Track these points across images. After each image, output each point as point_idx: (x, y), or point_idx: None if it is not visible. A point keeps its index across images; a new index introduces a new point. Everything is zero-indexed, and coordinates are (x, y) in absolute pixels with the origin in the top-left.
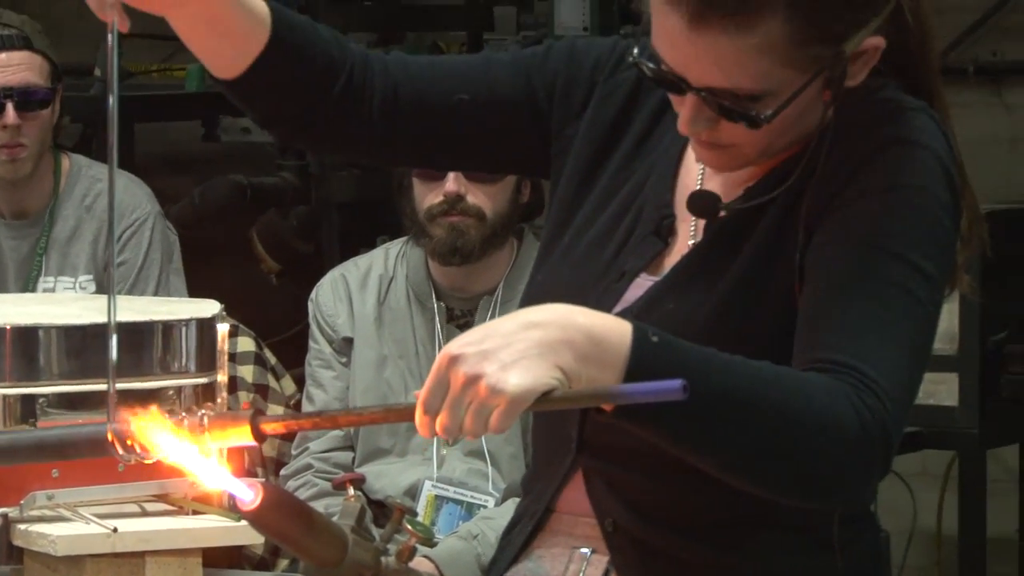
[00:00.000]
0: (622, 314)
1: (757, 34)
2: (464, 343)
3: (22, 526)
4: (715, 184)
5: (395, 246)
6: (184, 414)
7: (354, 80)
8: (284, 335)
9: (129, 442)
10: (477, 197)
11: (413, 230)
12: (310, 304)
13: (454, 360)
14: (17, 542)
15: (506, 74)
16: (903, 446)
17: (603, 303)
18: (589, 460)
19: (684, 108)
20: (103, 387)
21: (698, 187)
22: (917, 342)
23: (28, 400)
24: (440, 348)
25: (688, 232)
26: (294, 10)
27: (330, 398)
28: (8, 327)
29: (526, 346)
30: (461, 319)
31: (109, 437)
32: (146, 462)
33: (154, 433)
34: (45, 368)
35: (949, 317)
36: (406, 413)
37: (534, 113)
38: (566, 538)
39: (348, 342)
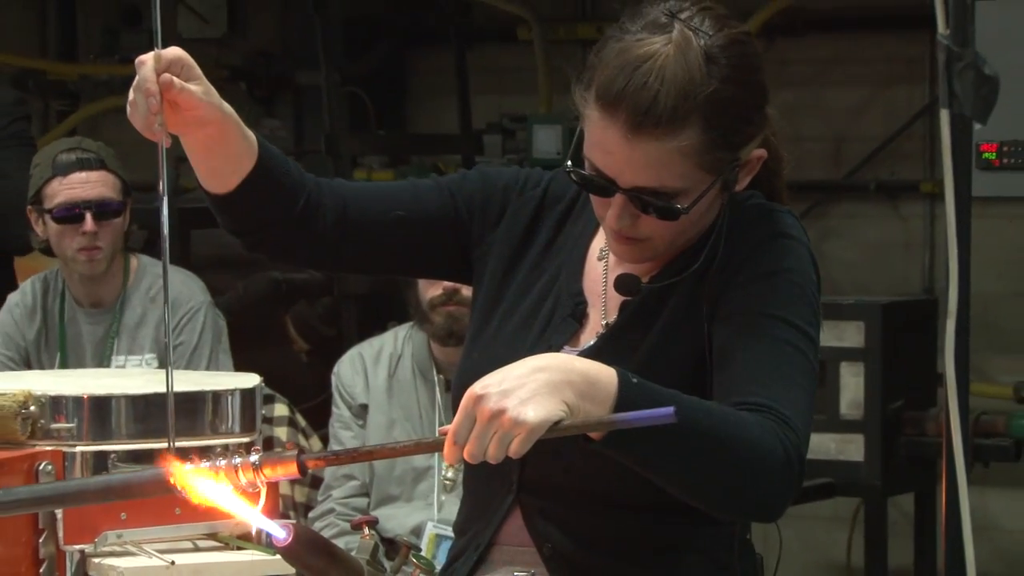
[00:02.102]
0: None
1: (682, 139)
2: (485, 384)
3: (96, 560)
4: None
5: (403, 330)
6: (238, 458)
7: (311, 199)
8: (312, 402)
9: (180, 487)
10: (470, 290)
11: (417, 317)
12: (333, 377)
13: (479, 399)
14: (91, 574)
15: (433, 195)
16: (819, 494)
17: None
18: (527, 497)
19: (612, 207)
20: (164, 445)
21: (604, 277)
22: (809, 389)
23: (101, 456)
24: (440, 413)
25: (600, 315)
26: (320, 136)
27: None
28: (86, 396)
29: (537, 385)
30: None
31: (169, 478)
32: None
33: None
34: (116, 430)
35: (856, 388)
36: (434, 445)
37: (458, 224)
38: (508, 565)
39: (364, 408)
